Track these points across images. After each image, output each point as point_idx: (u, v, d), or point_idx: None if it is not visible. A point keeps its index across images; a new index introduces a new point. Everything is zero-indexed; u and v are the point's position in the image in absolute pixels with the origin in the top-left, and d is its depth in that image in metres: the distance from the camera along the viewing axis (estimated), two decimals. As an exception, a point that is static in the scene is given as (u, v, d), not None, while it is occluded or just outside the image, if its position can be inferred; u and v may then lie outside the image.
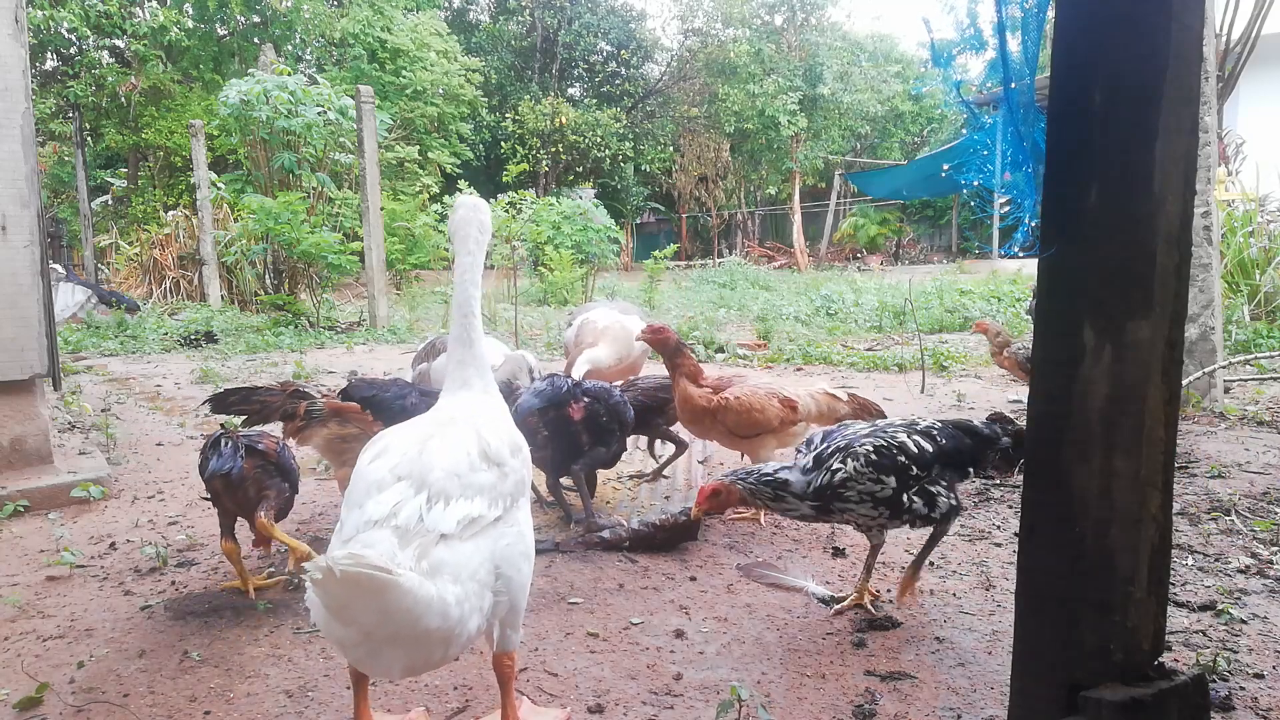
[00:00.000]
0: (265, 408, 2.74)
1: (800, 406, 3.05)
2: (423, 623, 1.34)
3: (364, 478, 1.53)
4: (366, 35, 22.23)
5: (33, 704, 1.84)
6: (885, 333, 9.27)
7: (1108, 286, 1.26)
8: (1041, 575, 1.34)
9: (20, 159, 3.37)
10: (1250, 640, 2.12)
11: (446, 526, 1.44)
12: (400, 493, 1.47)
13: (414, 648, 1.39)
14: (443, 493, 1.48)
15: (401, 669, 1.45)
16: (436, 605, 1.35)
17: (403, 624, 1.34)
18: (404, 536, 1.41)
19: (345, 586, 1.27)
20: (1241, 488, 3.33)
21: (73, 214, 19.70)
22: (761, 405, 3.00)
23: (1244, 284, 7.17)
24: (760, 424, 3.00)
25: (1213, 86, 4.73)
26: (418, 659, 1.43)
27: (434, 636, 1.38)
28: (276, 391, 2.76)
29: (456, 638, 1.42)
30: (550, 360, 7.48)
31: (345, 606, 1.32)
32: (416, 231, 16.09)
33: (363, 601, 1.31)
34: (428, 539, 1.42)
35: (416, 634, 1.36)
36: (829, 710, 1.82)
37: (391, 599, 1.30)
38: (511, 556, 1.54)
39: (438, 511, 1.46)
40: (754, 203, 30.45)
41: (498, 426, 1.70)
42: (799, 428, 3.09)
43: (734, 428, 3.02)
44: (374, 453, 1.59)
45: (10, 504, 3.15)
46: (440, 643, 1.41)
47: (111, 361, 7.60)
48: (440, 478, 1.50)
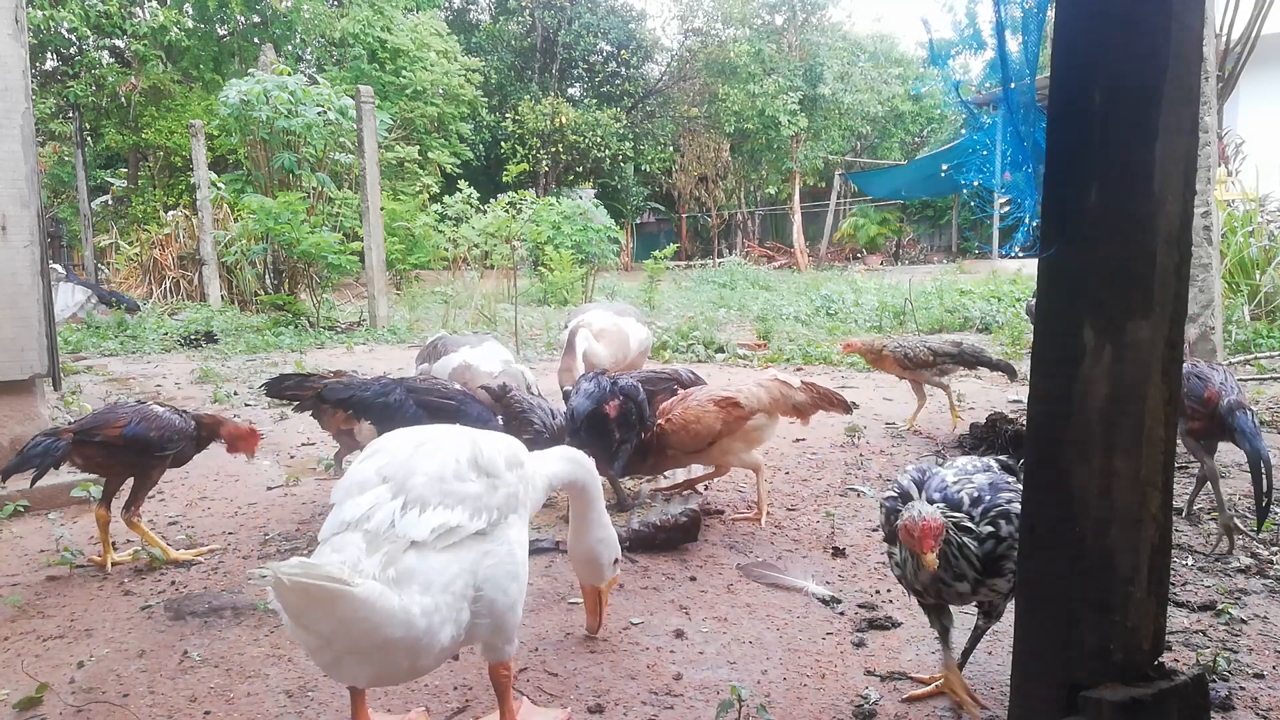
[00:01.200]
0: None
1: (743, 400, 2.91)
2: (382, 632, 1.31)
3: (350, 477, 1.52)
4: (366, 35, 22.22)
5: (33, 704, 1.84)
6: (885, 333, 9.27)
7: (1108, 286, 1.26)
8: (1041, 575, 1.34)
9: (20, 159, 3.37)
10: (1250, 640, 2.12)
11: (418, 534, 1.41)
12: (378, 495, 1.45)
13: (377, 658, 1.36)
14: (420, 499, 1.45)
15: (367, 678, 1.42)
16: (399, 616, 1.32)
17: (360, 634, 1.31)
18: (373, 541, 1.39)
19: (297, 595, 1.25)
20: (1241, 488, 3.33)
21: (73, 214, 19.69)
22: (696, 415, 2.88)
23: (1244, 284, 7.17)
24: (704, 434, 2.88)
25: (1213, 86, 4.73)
26: (382, 669, 1.39)
27: (397, 647, 1.35)
28: (330, 379, 2.89)
29: (426, 649, 1.38)
30: (551, 360, 7.48)
31: (301, 614, 1.30)
32: (416, 231, 16.08)
33: (316, 611, 1.28)
34: (397, 545, 1.39)
35: (377, 644, 1.33)
36: (829, 710, 1.82)
37: (345, 609, 1.27)
38: (496, 577, 1.49)
39: (411, 517, 1.42)
40: (754, 203, 30.44)
41: (499, 440, 1.67)
42: (757, 420, 2.95)
43: (686, 446, 2.92)
44: (367, 453, 1.57)
45: (10, 504, 3.15)
46: (406, 653, 1.36)
47: (111, 361, 7.60)
48: (421, 483, 1.47)
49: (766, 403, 2.97)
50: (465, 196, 14.43)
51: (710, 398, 2.93)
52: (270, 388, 3.04)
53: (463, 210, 14.33)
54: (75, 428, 2.54)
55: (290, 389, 2.98)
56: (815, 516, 3.11)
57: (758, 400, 2.95)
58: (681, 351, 7.59)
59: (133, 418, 2.53)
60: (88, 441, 2.51)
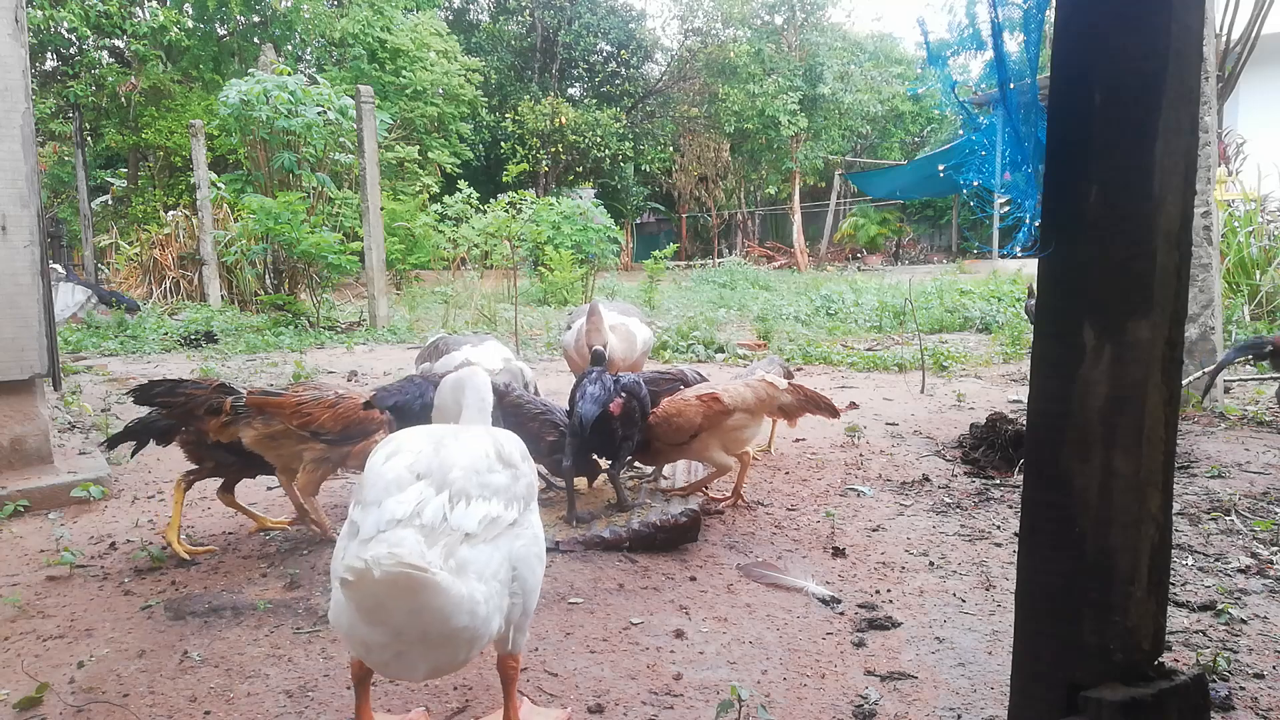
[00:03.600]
0: (190, 401, 2.70)
1: (725, 398, 2.95)
2: (452, 621, 1.34)
3: (381, 476, 1.50)
4: (366, 35, 22.23)
5: (33, 704, 1.84)
6: (885, 333, 9.27)
7: (1108, 286, 1.26)
8: (1041, 575, 1.34)
9: (20, 159, 3.37)
10: (1250, 640, 2.12)
11: (470, 526, 1.43)
12: (421, 491, 1.46)
13: (441, 647, 1.38)
14: (463, 492, 1.47)
15: (426, 670, 1.43)
16: (466, 604, 1.35)
17: (433, 623, 1.32)
18: (430, 535, 1.40)
19: (383, 586, 1.25)
20: (1241, 488, 3.33)
21: (73, 214, 19.70)
22: (678, 409, 2.95)
23: (1244, 284, 7.17)
24: (684, 427, 2.94)
25: (1213, 86, 4.73)
26: (443, 659, 1.41)
27: (461, 636, 1.37)
28: (203, 385, 2.73)
29: (480, 638, 1.41)
30: (551, 359, 7.48)
31: (379, 606, 1.30)
32: (416, 231, 16.09)
33: (398, 601, 1.29)
34: (453, 538, 1.41)
35: (446, 633, 1.35)
36: (829, 710, 1.82)
37: (427, 598, 1.29)
38: (527, 558, 1.54)
39: (460, 511, 1.45)
40: (754, 203, 30.46)
41: (508, 434, 1.69)
42: (737, 419, 2.99)
43: (668, 439, 2.99)
44: (387, 452, 1.56)
45: (10, 504, 3.15)
46: (466, 643, 1.39)
47: (111, 361, 7.60)
48: (460, 476, 1.49)
49: (750, 402, 3.00)
50: (465, 196, 14.45)
51: (695, 393, 2.98)
52: (139, 395, 2.73)
53: (463, 210, 14.35)
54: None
55: (161, 395, 2.72)
56: (815, 516, 3.11)
57: (741, 399, 2.98)
58: (681, 351, 7.59)
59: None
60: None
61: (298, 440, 2.71)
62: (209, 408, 2.68)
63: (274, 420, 2.69)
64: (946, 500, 3.33)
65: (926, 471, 3.71)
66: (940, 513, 3.18)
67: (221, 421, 2.67)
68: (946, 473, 3.71)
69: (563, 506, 3.00)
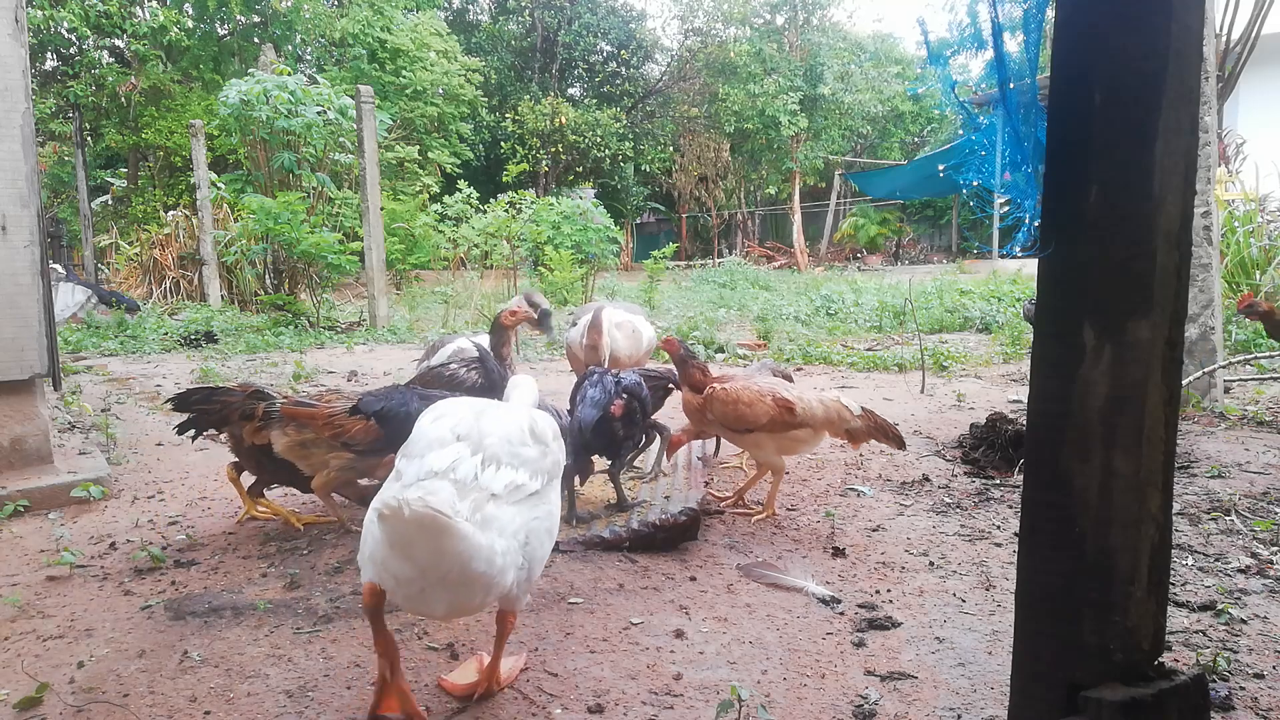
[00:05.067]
0: (225, 408, 2.81)
1: (800, 409, 2.95)
2: (472, 566, 1.51)
3: (425, 434, 1.71)
4: (366, 35, 22.23)
5: (33, 704, 1.84)
6: (885, 333, 9.27)
7: (1108, 286, 1.26)
8: (1041, 575, 1.34)
9: (20, 159, 3.37)
10: (1250, 640, 2.12)
11: (497, 487, 1.62)
12: (459, 451, 1.65)
13: (459, 589, 1.54)
14: (495, 457, 1.66)
15: (444, 608, 1.60)
16: (484, 553, 1.52)
17: (454, 565, 1.49)
18: (462, 489, 1.59)
19: (412, 525, 1.43)
20: (1241, 488, 3.33)
21: (73, 214, 19.71)
22: (750, 400, 2.95)
23: (1244, 284, 7.17)
24: (747, 419, 2.95)
25: (1213, 86, 4.73)
26: (460, 600, 1.58)
27: (478, 581, 1.54)
28: (236, 393, 2.83)
29: (495, 586, 1.58)
30: (551, 360, 7.48)
31: (408, 544, 1.48)
32: (416, 231, 16.09)
33: (424, 540, 1.46)
34: (481, 495, 1.60)
35: (465, 576, 1.52)
36: (829, 710, 1.82)
37: (450, 542, 1.46)
38: (539, 531, 1.71)
39: (490, 473, 1.64)
40: (754, 203, 30.46)
41: (545, 415, 1.89)
42: (802, 433, 3.00)
43: (721, 419, 3.02)
44: (434, 416, 1.76)
45: (10, 504, 3.15)
46: (482, 588, 1.56)
47: (111, 361, 7.60)
48: (495, 443, 1.68)
49: (819, 419, 3.00)
50: (465, 196, 14.44)
51: (773, 392, 2.99)
52: (178, 403, 2.87)
53: (463, 210, 14.34)
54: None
55: (197, 403, 2.84)
56: (815, 516, 3.11)
57: (811, 414, 2.99)
58: (681, 351, 7.58)
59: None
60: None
61: (328, 448, 2.76)
62: (243, 413, 2.78)
63: (306, 429, 2.75)
64: (946, 500, 3.33)
65: (926, 471, 3.71)
66: (940, 513, 3.18)
67: (255, 426, 2.77)
68: (946, 473, 3.71)
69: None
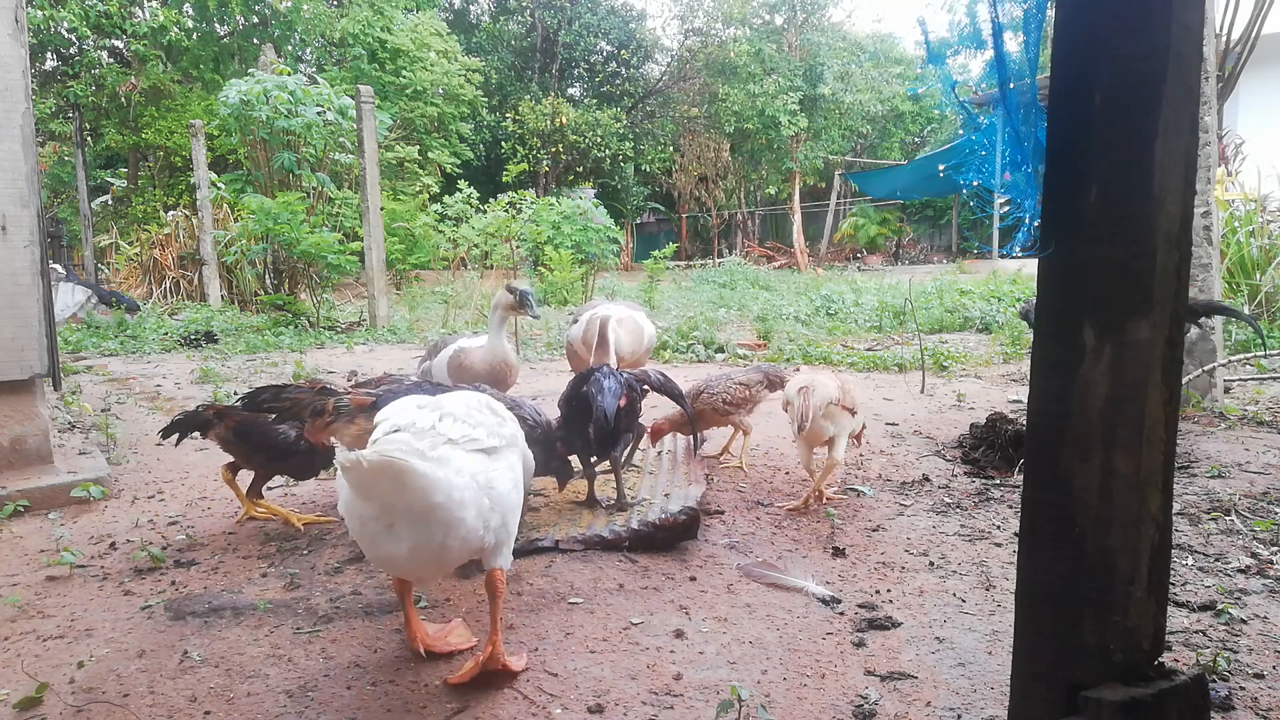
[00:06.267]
0: (295, 405, 2.87)
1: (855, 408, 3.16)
2: (430, 497, 1.70)
3: (392, 408, 1.97)
4: (366, 35, 22.23)
5: (33, 704, 1.84)
6: (885, 333, 9.27)
7: (1108, 286, 1.26)
8: (1041, 575, 1.34)
9: (20, 159, 3.37)
10: (1250, 640, 2.12)
11: (452, 433, 1.84)
12: (420, 412, 1.91)
13: (423, 524, 1.73)
14: (451, 414, 1.91)
15: (409, 548, 1.75)
16: (442, 485, 1.72)
17: (414, 498, 1.69)
18: (419, 435, 1.81)
19: (373, 472, 1.64)
20: (1241, 488, 3.33)
21: (73, 214, 19.71)
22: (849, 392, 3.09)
23: (1244, 284, 7.17)
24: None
25: (1213, 86, 4.73)
26: (423, 539, 1.74)
27: (439, 514, 1.73)
28: (306, 389, 2.90)
29: (459, 521, 1.76)
30: (551, 360, 7.48)
31: (369, 485, 1.69)
32: (416, 231, 16.09)
33: (383, 482, 1.67)
34: (437, 438, 1.82)
35: (427, 507, 1.71)
36: (829, 710, 1.82)
37: (406, 479, 1.67)
38: (501, 478, 1.90)
39: (447, 423, 1.88)
40: (754, 203, 30.46)
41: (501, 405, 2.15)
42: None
43: (808, 440, 3.10)
44: (402, 401, 2.01)
45: (10, 504, 3.14)
46: (442, 524, 1.74)
47: (111, 361, 7.60)
48: (452, 407, 1.95)
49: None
50: (465, 196, 14.44)
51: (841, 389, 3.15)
52: (248, 400, 2.97)
53: (463, 210, 14.34)
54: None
55: (268, 401, 2.93)
56: (815, 516, 3.11)
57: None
58: (681, 351, 7.59)
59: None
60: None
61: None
62: (313, 409, 2.83)
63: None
64: (946, 500, 3.33)
65: (926, 471, 3.71)
66: (940, 513, 3.18)
67: (325, 421, 2.81)
68: (946, 473, 3.71)
69: (562, 505, 3.01)
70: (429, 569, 1.95)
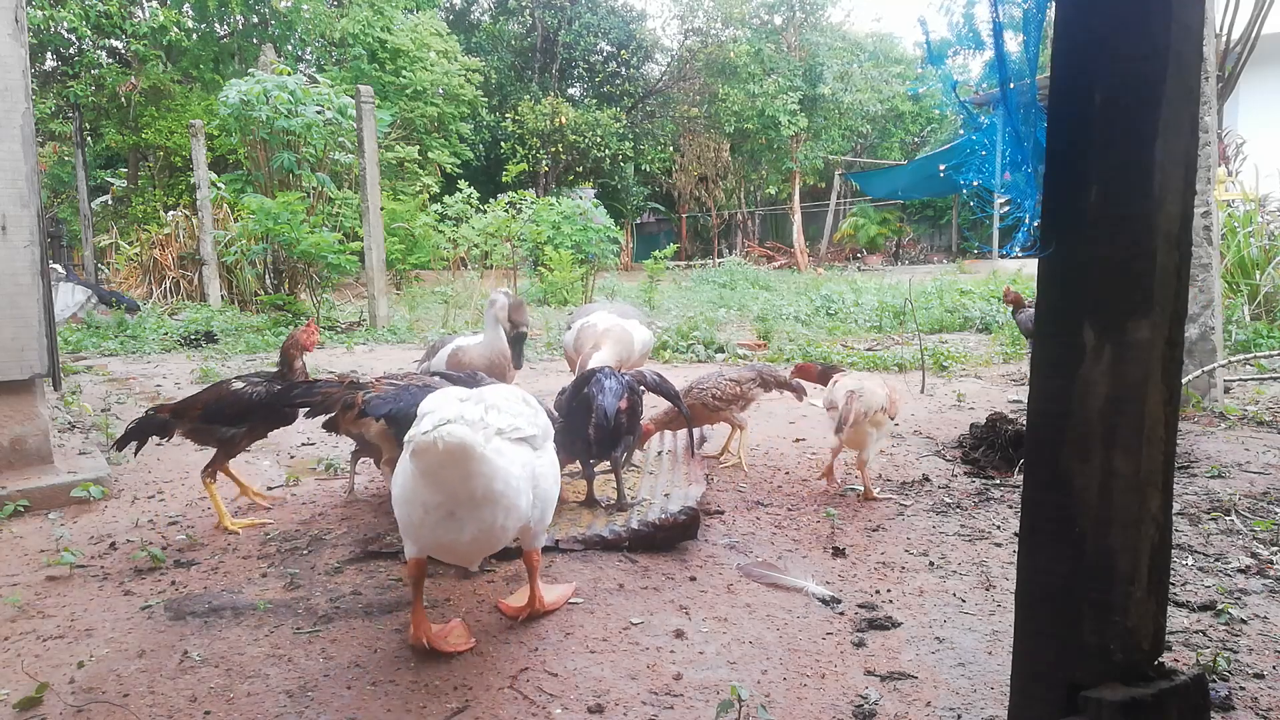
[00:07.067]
0: (327, 399, 2.89)
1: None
2: (494, 485, 1.78)
3: (433, 399, 1.99)
4: (366, 35, 22.23)
5: (33, 704, 1.84)
6: (885, 333, 9.27)
7: (1108, 286, 1.26)
8: (1041, 575, 1.34)
9: (20, 159, 3.37)
10: (1250, 640, 2.12)
11: (501, 424, 1.89)
12: (464, 404, 1.93)
13: (483, 510, 1.80)
14: (495, 405, 1.95)
15: (470, 536, 1.83)
16: (502, 473, 1.80)
17: (479, 485, 1.76)
18: (472, 427, 1.81)
19: (444, 454, 1.70)
20: (1241, 488, 3.33)
21: (73, 214, 19.72)
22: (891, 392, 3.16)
23: (1244, 284, 7.17)
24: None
25: (1213, 86, 4.72)
26: (483, 525, 1.82)
27: (500, 502, 1.81)
28: (336, 384, 2.93)
29: (514, 508, 1.84)
30: (551, 359, 7.48)
31: (439, 468, 1.75)
32: (416, 231, 16.08)
33: (453, 467, 1.73)
34: (489, 430, 1.85)
35: (489, 494, 1.78)
36: (829, 710, 1.82)
37: (476, 465, 1.74)
38: (544, 471, 2.00)
39: (494, 414, 1.91)
40: (754, 203, 30.46)
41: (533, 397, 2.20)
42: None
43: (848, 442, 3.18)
44: (439, 392, 2.07)
45: (10, 504, 3.15)
46: (503, 509, 1.82)
47: (111, 361, 7.60)
48: (493, 398, 1.99)
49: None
50: (465, 196, 14.44)
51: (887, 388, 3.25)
52: (279, 397, 3.02)
53: (463, 210, 14.34)
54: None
55: (299, 396, 2.96)
56: (815, 516, 3.11)
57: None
58: (681, 351, 7.59)
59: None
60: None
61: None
62: (345, 404, 2.86)
63: None
64: (946, 500, 3.33)
65: (926, 471, 3.71)
66: (940, 513, 3.18)
67: (355, 414, 2.86)
68: (946, 473, 3.71)
69: (562, 506, 3.01)
70: (478, 554, 2.06)
